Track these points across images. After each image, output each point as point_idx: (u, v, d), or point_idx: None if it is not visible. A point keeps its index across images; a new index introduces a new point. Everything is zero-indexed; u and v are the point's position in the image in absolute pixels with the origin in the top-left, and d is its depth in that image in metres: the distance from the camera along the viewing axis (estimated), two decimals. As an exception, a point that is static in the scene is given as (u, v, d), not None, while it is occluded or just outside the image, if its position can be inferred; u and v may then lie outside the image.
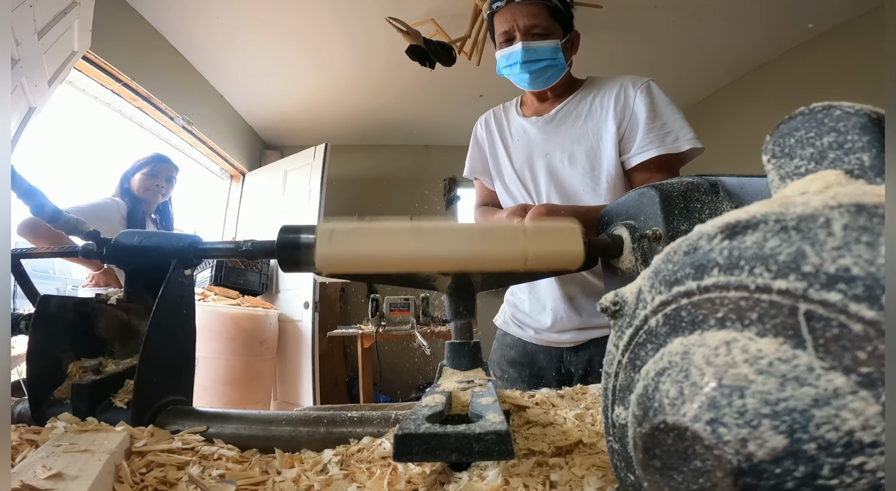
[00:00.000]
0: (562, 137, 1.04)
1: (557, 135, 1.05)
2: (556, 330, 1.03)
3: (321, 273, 0.43)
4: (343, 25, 2.49)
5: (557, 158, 1.03)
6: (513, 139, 1.11)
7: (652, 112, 0.97)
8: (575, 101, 1.06)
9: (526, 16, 1.01)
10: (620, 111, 0.99)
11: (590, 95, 1.05)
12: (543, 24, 1.01)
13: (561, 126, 1.05)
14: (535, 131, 1.08)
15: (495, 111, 1.19)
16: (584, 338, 1.01)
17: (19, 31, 1.33)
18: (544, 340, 1.06)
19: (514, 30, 1.02)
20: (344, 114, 3.53)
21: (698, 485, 0.18)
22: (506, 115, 1.16)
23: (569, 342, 1.02)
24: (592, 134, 1.01)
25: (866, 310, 0.16)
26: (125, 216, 1.87)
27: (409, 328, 2.73)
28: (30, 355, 0.50)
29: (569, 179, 1.01)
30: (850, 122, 0.23)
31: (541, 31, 1.01)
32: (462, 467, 0.37)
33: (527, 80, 1.04)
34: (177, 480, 0.36)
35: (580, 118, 1.04)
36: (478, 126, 1.20)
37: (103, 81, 2.22)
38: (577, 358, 1.02)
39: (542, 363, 1.06)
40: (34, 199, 0.49)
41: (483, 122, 1.19)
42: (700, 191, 0.47)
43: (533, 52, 1.01)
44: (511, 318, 1.13)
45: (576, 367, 1.02)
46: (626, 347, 0.26)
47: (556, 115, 1.07)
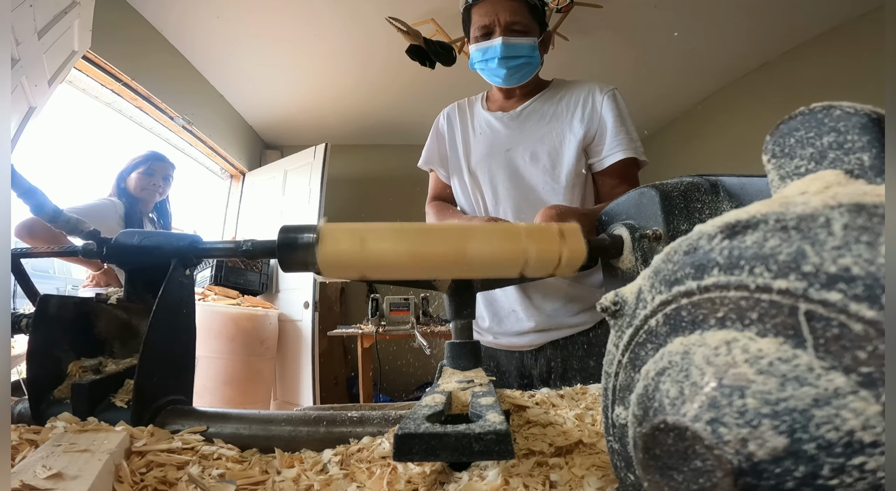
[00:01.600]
0: (526, 135, 1.04)
1: (522, 132, 1.05)
2: (514, 332, 1.03)
3: (321, 273, 0.43)
4: (343, 25, 2.49)
5: (520, 155, 1.03)
6: (475, 133, 1.11)
7: (619, 118, 0.99)
8: (541, 101, 1.07)
9: (507, 11, 1.00)
10: (588, 115, 1.01)
11: (556, 97, 1.06)
12: (523, 20, 1.01)
13: (526, 123, 1.05)
14: (499, 126, 1.08)
15: (460, 104, 1.18)
16: (542, 341, 1.01)
17: (19, 30, 1.33)
18: (503, 344, 1.05)
19: (495, 24, 1.00)
20: (344, 114, 3.53)
21: (698, 485, 0.18)
22: (470, 109, 1.16)
23: (528, 345, 1.02)
24: (556, 134, 1.02)
25: (866, 309, 0.16)
26: (123, 216, 1.87)
27: (409, 328, 2.73)
28: (30, 355, 0.50)
29: (529, 176, 1.02)
30: (850, 122, 0.23)
31: (521, 28, 1.01)
32: (462, 467, 0.37)
33: (503, 75, 1.03)
34: (177, 479, 0.36)
35: (545, 118, 1.04)
36: (440, 117, 1.19)
37: (103, 81, 2.22)
38: (535, 361, 1.02)
39: (503, 367, 1.06)
40: (34, 198, 0.49)
41: (446, 114, 1.18)
42: (700, 191, 0.47)
43: (513, 48, 1.00)
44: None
45: (536, 370, 1.02)
46: (626, 346, 0.26)
47: (522, 112, 1.07)
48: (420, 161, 1.21)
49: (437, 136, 1.18)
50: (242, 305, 2.63)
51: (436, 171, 1.19)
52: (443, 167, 1.17)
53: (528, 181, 1.02)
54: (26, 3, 1.31)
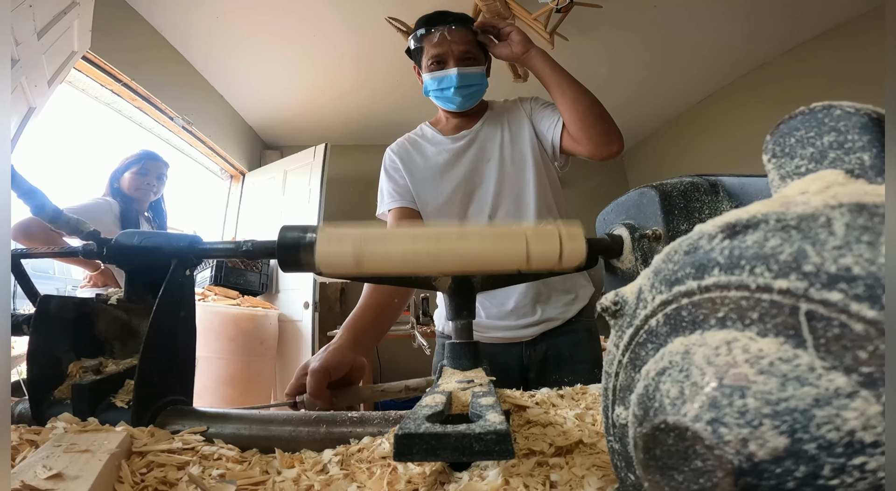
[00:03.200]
0: (496, 144, 1.13)
1: (490, 142, 1.13)
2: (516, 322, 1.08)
3: (321, 273, 0.43)
4: (343, 25, 2.49)
5: (499, 161, 1.11)
6: (447, 155, 1.14)
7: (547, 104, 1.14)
8: (494, 114, 1.17)
9: (460, 42, 1.08)
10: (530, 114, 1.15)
11: (503, 109, 1.18)
12: (473, 50, 1.09)
13: (490, 135, 1.14)
14: (465, 144, 1.14)
15: (408, 138, 1.20)
16: (539, 331, 1.07)
17: (19, 31, 1.33)
18: (501, 337, 1.09)
19: (448, 54, 1.08)
20: (343, 114, 3.53)
21: (699, 485, 0.18)
22: (423, 139, 1.19)
23: (529, 336, 1.08)
24: (515, 137, 1.13)
25: (867, 309, 0.16)
26: (118, 216, 1.86)
27: (409, 328, 2.73)
28: (30, 355, 0.50)
29: (515, 174, 1.10)
30: (850, 121, 0.23)
31: (471, 57, 1.09)
32: (462, 467, 0.37)
33: (458, 102, 1.11)
34: (177, 480, 0.36)
35: (503, 126, 1.14)
36: (388, 158, 1.18)
37: (103, 81, 2.22)
38: (534, 352, 1.08)
39: (500, 362, 1.09)
40: (34, 199, 0.49)
41: (395, 153, 1.17)
42: (700, 190, 0.47)
43: (466, 77, 1.08)
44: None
45: (532, 360, 1.08)
46: (626, 346, 0.26)
47: (482, 126, 1.15)
48: (381, 208, 1.17)
49: (393, 173, 1.16)
50: (242, 306, 2.63)
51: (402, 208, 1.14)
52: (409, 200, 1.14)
53: (520, 177, 1.10)
54: (26, 4, 1.31)
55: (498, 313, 1.09)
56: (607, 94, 1.13)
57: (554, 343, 1.07)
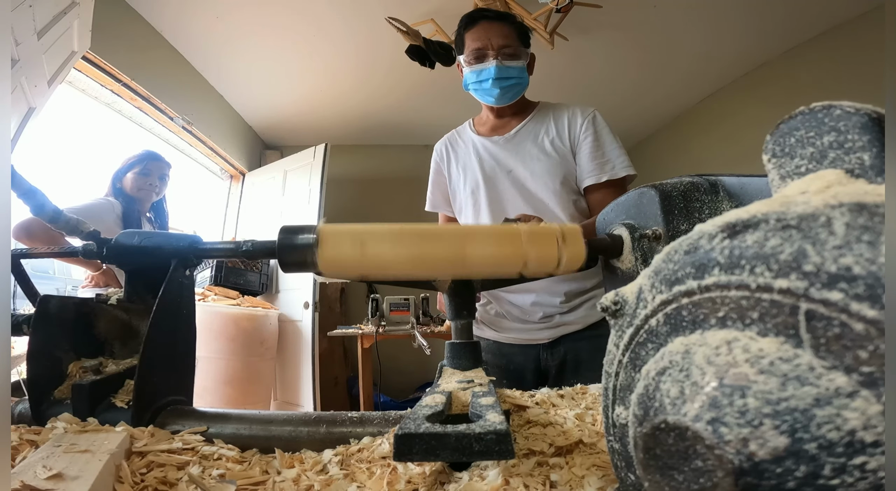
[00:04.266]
0: (523, 154, 1.11)
1: (519, 152, 1.12)
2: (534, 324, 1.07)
3: (321, 273, 0.43)
4: (343, 25, 2.49)
5: (522, 173, 1.10)
6: (474, 158, 1.16)
7: (595, 142, 1.08)
8: (534, 121, 1.14)
9: (500, 36, 1.08)
10: (572, 136, 1.10)
11: (546, 117, 1.14)
12: (514, 44, 1.09)
13: (521, 144, 1.13)
14: (497, 149, 1.14)
15: (450, 137, 1.24)
16: (557, 334, 1.06)
17: (19, 31, 1.33)
18: (523, 338, 1.09)
19: (488, 47, 1.08)
20: (344, 114, 3.53)
21: (699, 485, 0.18)
22: (461, 138, 1.22)
23: (546, 338, 1.07)
24: (549, 152, 1.09)
25: (867, 309, 0.16)
26: (120, 216, 1.86)
27: (409, 328, 2.73)
28: (30, 355, 0.50)
29: (536, 191, 1.09)
30: (850, 121, 0.23)
31: (512, 52, 1.08)
32: (462, 467, 0.37)
33: (496, 95, 1.10)
34: (177, 480, 0.36)
35: (538, 136, 1.12)
36: (434, 155, 1.25)
37: (103, 81, 2.22)
38: (552, 355, 1.07)
39: (519, 363, 1.09)
40: (34, 199, 0.49)
41: (438, 151, 1.25)
42: (700, 190, 0.47)
43: (505, 70, 1.08)
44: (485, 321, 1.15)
45: (551, 363, 1.07)
46: (626, 346, 0.26)
47: (517, 133, 1.14)
48: (427, 205, 1.28)
49: (437, 177, 1.25)
50: (242, 306, 2.63)
51: (444, 214, 1.26)
52: (449, 206, 1.23)
53: (537, 195, 1.09)
54: (26, 4, 1.31)
55: (519, 314, 1.09)
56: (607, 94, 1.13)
57: (574, 348, 1.06)
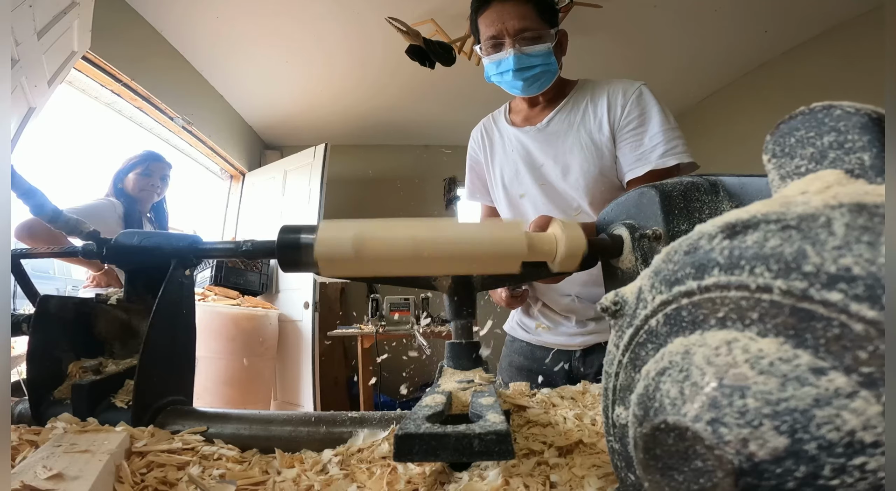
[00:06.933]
0: (555, 148, 0.99)
1: (550, 145, 1.00)
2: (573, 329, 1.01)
3: (321, 273, 0.43)
4: (343, 25, 2.49)
5: (551, 170, 0.99)
6: (506, 152, 1.07)
7: (641, 125, 0.93)
8: (567, 108, 1.01)
9: (514, 17, 0.92)
10: (613, 121, 0.95)
11: (583, 102, 0.99)
12: (533, 25, 0.93)
13: (553, 136, 1.00)
14: (528, 141, 1.03)
15: (485, 124, 1.15)
16: (592, 341, 0.99)
17: (19, 31, 1.33)
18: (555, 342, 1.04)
19: (503, 33, 0.94)
20: (344, 114, 3.53)
21: (699, 485, 0.18)
22: (496, 126, 1.12)
23: (579, 345, 1.00)
24: (585, 144, 0.96)
25: (867, 309, 0.15)
26: (122, 216, 1.87)
27: (409, 328, 2.73)
28: (30, 355, 0.50)
29: (563, 191, 0.99)
30: (850, 121, 0.23)
31: (532, 35, 0.93)
32: (462, 467, 0.37)
33: (520, 87, 0.98)
34: (177, 480, 0.36)
35: (573, 126, 0.98)
36: (470, 143, 1.17)
37: (103, 81, 2.22)
38: (585, 363, 1.00)
39: (550, 368, 1.04)
40: (34, 199, 0.49)
41: (474, 138, 1.16)
42: (700, 190, 0.47)
43: (526, 58, 0.94)
44: (519, 323, 1.12)
45: (585, 371, 1.00)
46: (626, 346, 0.26)
47: (549, 123, 1.01)
48: (466, 195, 1.21)
49: (473, 165, 1.17)
50: (242, 306, 2.63)
51: (483, 204, 1.18)
52: (486, 195, 1.16)
53: (564, 196, 0.99)
54: (26, 4, 1.31)
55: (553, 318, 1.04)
56: (607, 94, 1.11)
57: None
